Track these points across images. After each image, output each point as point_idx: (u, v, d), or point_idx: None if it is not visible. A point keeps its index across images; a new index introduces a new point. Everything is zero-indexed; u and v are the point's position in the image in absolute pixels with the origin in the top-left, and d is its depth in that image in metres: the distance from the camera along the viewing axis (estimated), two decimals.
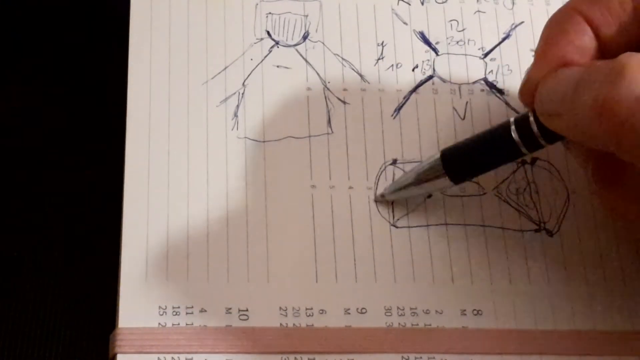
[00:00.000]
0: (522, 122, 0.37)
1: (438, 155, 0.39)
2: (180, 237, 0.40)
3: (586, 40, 0.36)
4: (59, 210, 0.42)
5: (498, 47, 0.44)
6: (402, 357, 0.39)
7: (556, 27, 0.37)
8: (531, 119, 0.36)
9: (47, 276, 0.40)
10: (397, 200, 0.41)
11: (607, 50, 0.36)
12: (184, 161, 0.41)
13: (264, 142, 0.42)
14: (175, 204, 0.40)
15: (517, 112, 0.43)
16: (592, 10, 0.36)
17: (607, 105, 0.32)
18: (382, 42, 0.44)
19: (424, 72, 0.44)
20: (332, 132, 0.42)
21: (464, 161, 0.39)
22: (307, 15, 0.44)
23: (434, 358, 0.39)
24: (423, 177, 0.40)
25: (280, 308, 0.39)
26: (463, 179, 0.40)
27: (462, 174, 0.39)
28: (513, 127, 0.37)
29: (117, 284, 0.39)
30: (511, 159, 0.39)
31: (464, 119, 0.43)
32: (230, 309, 0.39)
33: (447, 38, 0.44)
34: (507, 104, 0.43)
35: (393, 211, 0.41)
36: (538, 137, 0.37)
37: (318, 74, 0.43)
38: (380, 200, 0.41)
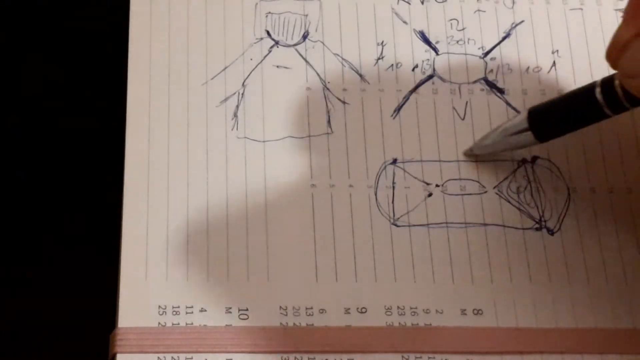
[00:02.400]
0: (607, 84, 0.37)
1: (526, 112, 0.40)
2: (180, 237, 0.40)
3: None
4: (58, 210, 0.42)
5: (498, 47, 0.44)
6: (402, 356, 0.39)
7: None
8: (616, 81, 0.37)
9: (47, 276, 0.40)
10: (482, 156, 0.42)
11: None
12: (183, 161, 0.41)
13: (263, 142, 0.42)
14: (175, 204, 0.40)
15: (517, 111, 0.43)
16: None
17: None
18: (382, 42, 0.44)
19: (424, 72, 0.44)
20: (332, 132, 0.42)
21: (548, 119, 0.40)
22: (307, 15, 0.44)
23: (434, 358, 0.39)
24: (509, 132, 0.40)
25: (280, 307, 0.39)
26: (547, 137, 0.40)
27: (546, 132, 0.40)
28: (598, 89, 0.37)
29: (117, 284, 0.39)
30: (595, 119, 0.39)
31: (464, 118, 0.43)
32: (230, 308, 0.39)
33: (447, 37, 0.44)
34: (507, 103, 0.43)
35: (394, 209, 0.41)
36: (622, 100, 0.37)
37: (318, 73, 0.43)
38: (470, 154, 0.42)
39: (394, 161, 0.42)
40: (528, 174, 0.42)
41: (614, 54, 0.36)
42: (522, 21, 0.45)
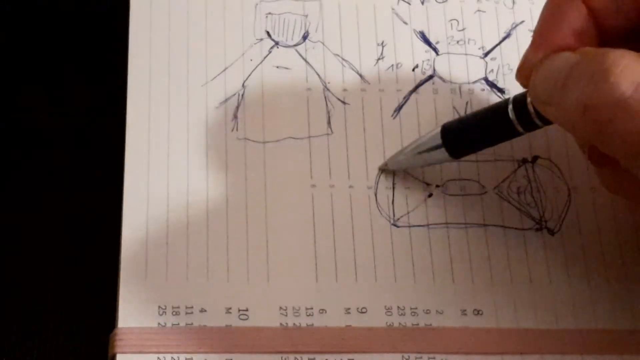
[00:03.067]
0: (519, 102, 0.37)
1: (439, 128, 0.40)
2: (180, 237, 0.40)
3: (584, 23, 0.36)
4: (58, 210, 0.42)
5: (498, 47, 0.44)
6: (402, 357, 0.39)
7: (554, 10, 0.36)
8: (528, 99, 0.36)
9: (47, 276, 0.41)
10: (397, 171, 0.41)
11: (607, 34, 0.36)
12: (184, 162, 0.41)
13: (263, 142, 0.42)
14: (175, 204, 0.40)
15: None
16: None
17: (590, 106, 0.32)
18: (382, 42, 0.44)
19: (424, 72, 0.44)
20: (332, 132, 0.42)
21: (462, 136, 0.39)
22: (307, 16, 0.44)
23: (434, 358, 0.39)
24: (423, 148, 0.40)
25: (280, 308, 0.39)
26: (460, 154, 0.40)
27: (459, 148, 0.40)
28: (510, 106, 0.37)
29: (117, 284, 0.39)
30: (508, 137, 0.39)
31: None
32: (230, 308, 0.39)
33: (447, 38, 0.44)
34: None
35: (394, 209, 0.41)
36: (534, 118, 0.36)
37: (318, 74, 0.43)
38: (384, 168, 0.41)
39: None
40: (528, 174, 0.42)
41: (524, 76, 0.36)
42: (522, 21, 0.45)
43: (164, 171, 0.41)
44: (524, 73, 0.36)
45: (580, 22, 0.36)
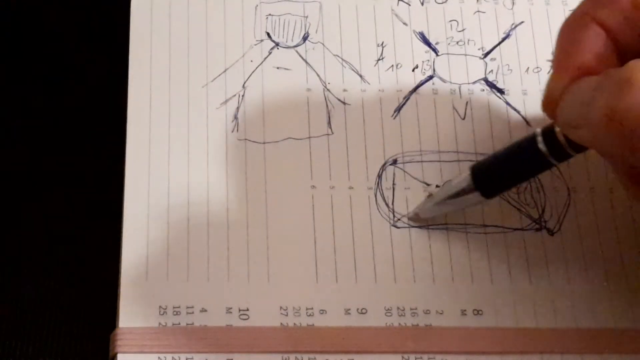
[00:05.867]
0: (548, 133, 0.36)
1: (468, 172, 0.39)
2: (181, 237, 0.40)
3: (602, 46, 0.35)
4: (59, 210, 0.42)
5: (498, 47, 0.44)
6: (402, 357, 0.39)
7: (570, 35, 0.36)
8: (557, 129, 0.36)
9: (47, 276, 0.41)
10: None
11: (626, 53, 0.35)
12: (184, 163, 0.41)
13: (264, 143, 0.42)
14: (175, 204, 0.40)
15: (517, 111, 0.43)
16: (604, 13, 0.35)
17: (616, 114, 0.32)
18: (382, 43, 0.44)
19: (424, 73, 0.44)
20: (332, 132, 0.42)
21: (493, 175, 0.39)
22: (307, 17, 0.44)
23: (434, 358, 0.39)
24: (455, 193, 0.39)
25: (280, 308, 0.39)
26: (494, 194, 0.39)
27: (492, 188, 0.39)
28: (540, 139, 0.36)
29: (117, 284, 0.39)
30: (541, 170, 0.38)
31: (464, 118, 0.43)
32: (230, 308, 0.39)
33: (447, 38, 0.44)
34: (507, 103, 0.43)
35: (394, 210, 0.41)
36: (565, 147, 0.36)
37: (318, 75, 0.43)
38: (415, 219, 0.41)
39: (394, 162, 0.42)
40: None
41: (550, 106, 0.36)
42: (522, 22, 0.45)
43: (165, 171, 0.41)
44: (550, 103, 0.36)
45: (599, 45, 0.35)
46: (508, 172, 0.39)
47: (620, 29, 0.35)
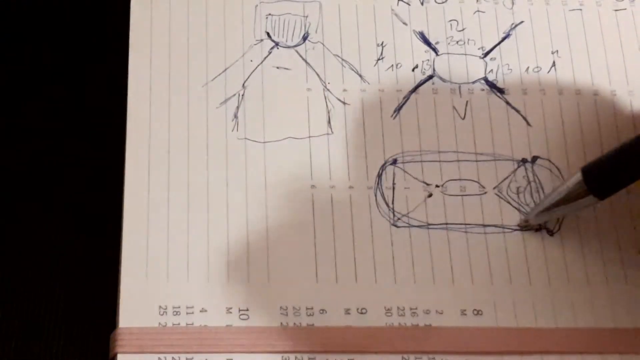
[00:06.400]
0: None
1: (580, 174, 0.39)
2: (181, 237, 0.40)
3: None
4: (59, 210, 0.42)
5: (498, 47, 0.44)
6: (402, 357, 0.39)
7: None
8: None
9: (47, 276, 0.41)
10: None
11: None
12: (184, 162, 0.41)
13: (264, 143, 0.42)
14: (175, 204, 0.40)
15: (517, 110, 0.43)
16: None
17: None
18: (382, 43, 0.44)
19: (424, 72, 0.44)
20: (332, 132, 0.42)
21: (607, 176, 0.38)
22: (306, 16, 0.44)
23: (434, 358, 0.39)
24: (567, 197, 0.39)
25: (280, 308, 0.39)
26: (608, 194, 0.39)
27: (606, 189, 0.38)
28: None
29: (117, 284, 0.39)
30: None
31: (464, 118, 0.43)
32: (230, 308, 0.39)
33: (446, 38, 0.44)
34: (507, 103, 0.43)
35: (394, 209, 0.41)
36: None
37: (318, 74, 0.43)
38: (525, 225, 0.41)
39: (394, 162, 0.42)
40: (528, 174, 0.42)
41: None
42: (522, 22, 0.45)
43: (165, 171, 0.41)
44: None
45: None
46: (622, 171, 0.38)
47: None
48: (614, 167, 0.38)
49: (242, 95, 0.43)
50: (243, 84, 0.43)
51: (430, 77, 0.44)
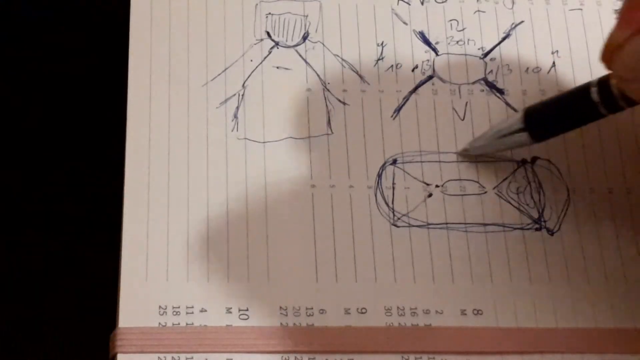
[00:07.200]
0: (604, 84, 0.37)
1: (522, 112, 0.40)
2: (180, 237, 0.40)
3: None
4: (58, 210, 0.42)
5: (498, 47, 0.44)
6: (402, 357, 0.39)
7: None
8: (612, 80, 0.37)
9: (47, 276, 0.41)
10: (478, 156, 0.42)
11: None
12: (184, 162, 0.41)
13: (263, 143, 0.42)
14: (175, 204, 0.40)
15: (516, 111, 0.43)
16: None
17: None
18: (382, 43, 0.44)
19: (424, 73, 0.44)
20: (332, 132, 0.42)
21: (544, 119, 0.40)
22: (306, 16, 0.44)
23: (434, 358, 0.39)
24: (505, 132, 0.40)
25: (280, 307, 0.39)
26: (543, 137, 0.40)
27: (542, 132, 0.40)
28: (594, 89, 0.37)
29: (117, 284, 0.39)
30: (591, 119, 0.39)
31: (463, 119, 0.43)
32: (230, 308, 0.39)
33: (447, 38, 0.44)
34: (507, 103, 0.43)
35: (394, 209, 0.41)
36: (618, 100, 0.37)
37: (318, 74, 0.43)
38: (464, 154, 0.42)
39: (394, 162, 0.42)
40: (528, 175, 0.42)
41: (607, 56, 0.36)
42: (522, 21, 0.45)
43: (165, 171, 0.41)
44: (608, 53, 0.36)
45: None
46: (559, 117, 0.40)
47: None
48: (552, 112, 0.40)
49: (242, 95, 0.43)
50: (243, 84, 0.43)
51: (430, 77, 0.44)
